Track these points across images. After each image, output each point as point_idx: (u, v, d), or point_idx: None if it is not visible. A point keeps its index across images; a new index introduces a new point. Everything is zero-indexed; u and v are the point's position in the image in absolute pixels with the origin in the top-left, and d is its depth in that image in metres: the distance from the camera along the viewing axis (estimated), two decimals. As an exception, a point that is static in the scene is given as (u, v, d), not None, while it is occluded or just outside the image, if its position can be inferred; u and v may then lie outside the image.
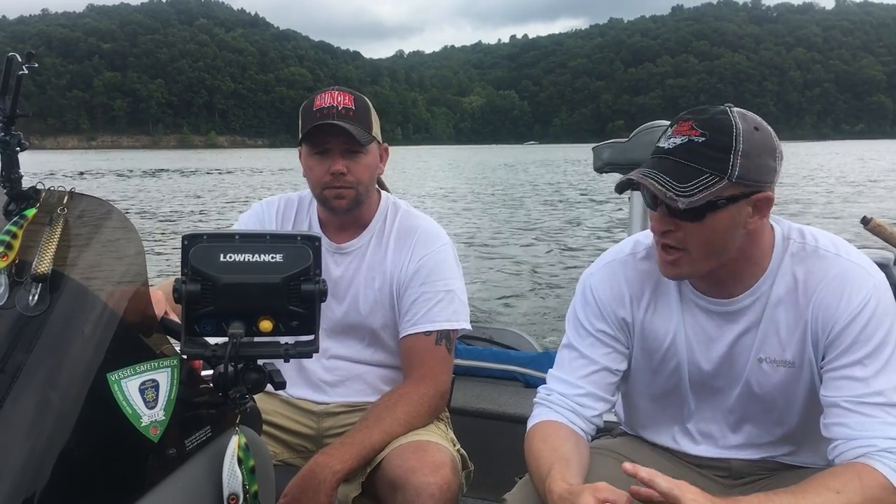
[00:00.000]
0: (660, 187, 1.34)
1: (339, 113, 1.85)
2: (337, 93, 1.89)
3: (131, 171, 56.86)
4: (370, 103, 1.94)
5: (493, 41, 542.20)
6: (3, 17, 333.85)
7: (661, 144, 1.42)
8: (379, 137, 1.96)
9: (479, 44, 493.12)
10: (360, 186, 1.90)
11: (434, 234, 1.98)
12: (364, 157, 1.89)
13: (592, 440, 1.63)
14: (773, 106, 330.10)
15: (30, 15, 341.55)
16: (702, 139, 1.36)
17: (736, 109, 1.39)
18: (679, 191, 1.33)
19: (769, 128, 1.41)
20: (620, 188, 1.46)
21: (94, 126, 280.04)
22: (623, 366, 1.61)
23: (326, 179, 1.88)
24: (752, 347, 1.50)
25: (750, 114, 1.41)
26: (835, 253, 1.47)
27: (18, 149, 1.18)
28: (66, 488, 0.98)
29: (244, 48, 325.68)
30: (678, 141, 1.38)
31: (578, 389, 1.58)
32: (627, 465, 1.28)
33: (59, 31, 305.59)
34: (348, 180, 1.88)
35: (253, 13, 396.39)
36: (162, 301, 1.37)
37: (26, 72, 1.16)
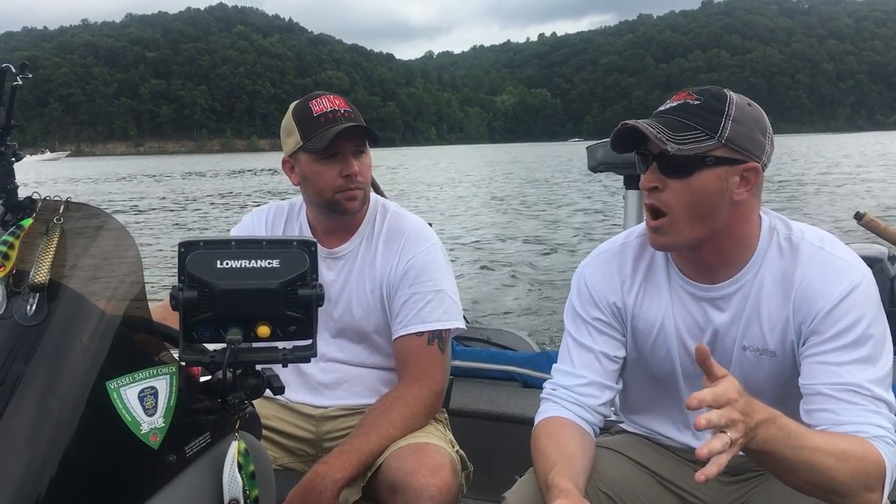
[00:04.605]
0: (652, 130, 1.38)
1: (345, 116, 1.86)
2: (332, 97, 1.91)
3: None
4: None
5: (521, 40, 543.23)
6: (45, 27, 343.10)
7: (657, 110, 1.47)
8: None
9: (508, 43, 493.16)
10: (367, 186, 1.94)
11: (422, 235, 1.98)
12: (367, 156, 1.93)
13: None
14: (806, 98, 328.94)
15: (70, 25, 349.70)
16: (697, 102, 1.41)
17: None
18: (669, 136, 1.37)
19: (762, 110, 1.47)
20: (615, 142, 1.48)
21: (141, 132, 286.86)
22: (622, 352, 1.62)
23: (339, 183, 1.88)
24: (736, 335, 1.51)
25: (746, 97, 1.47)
26: (819, 246, 1.46)
27: (14, 159, 1.19)
28: (67, 497, 0.98)
29: (282, 53, 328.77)
30: (675, 104, 1.44)
31: (581, 379, 1.59)
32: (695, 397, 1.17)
33: (104, 40, 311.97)
34: (360, 181, 1.90)
35: (286, 18, 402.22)
36: (160, 310, 1.36)
37: (20, 83, 1.17)
